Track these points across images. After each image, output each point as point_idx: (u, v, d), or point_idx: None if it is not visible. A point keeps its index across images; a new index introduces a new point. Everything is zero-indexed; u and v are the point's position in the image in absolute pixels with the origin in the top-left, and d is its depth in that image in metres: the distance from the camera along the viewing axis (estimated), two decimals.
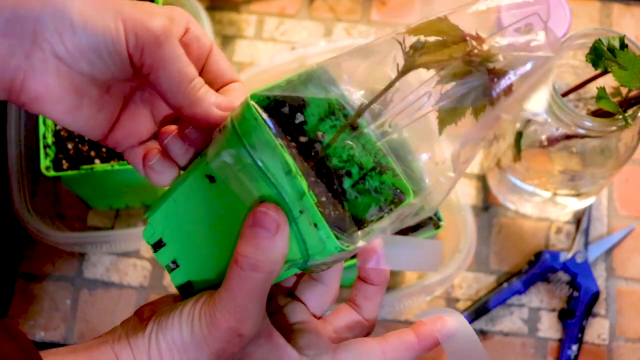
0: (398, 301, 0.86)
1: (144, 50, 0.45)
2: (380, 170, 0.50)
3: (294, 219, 0.44)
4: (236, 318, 0.45)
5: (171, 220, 0.49)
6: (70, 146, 0.85)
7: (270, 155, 0.43)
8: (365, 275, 0.53)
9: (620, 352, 0.90)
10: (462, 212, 0.87)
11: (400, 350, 0.50)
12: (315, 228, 0.44)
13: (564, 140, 0.78)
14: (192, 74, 0.46)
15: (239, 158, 0.44)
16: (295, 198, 0.44)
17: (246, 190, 0.45)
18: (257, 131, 0.43)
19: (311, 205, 0.44)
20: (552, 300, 0.92)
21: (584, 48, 0.71)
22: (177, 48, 0.46)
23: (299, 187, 0.44)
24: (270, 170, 0.44)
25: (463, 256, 0.85)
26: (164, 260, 0.50)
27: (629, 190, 0.97)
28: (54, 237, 0.86)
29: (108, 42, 0.45)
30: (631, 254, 0.94)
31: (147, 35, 0.45)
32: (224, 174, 0.46)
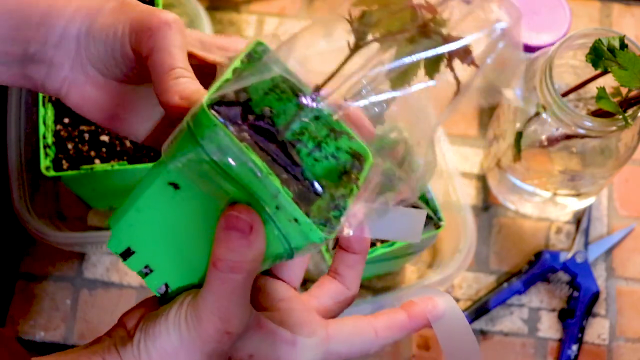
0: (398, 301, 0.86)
1: (140, 42, 0.47)
2: (335, 135, 0.49)
3: (270, 216, 0.44)
4: (222, 318, 0.45)
5: (137, 228, 0.48)
6: (70, 146, 0.85)
7: (236, 159, 0.43)
8: (347, 244, 0.52)
9: (620, 352, 0.90)
10: (462, 212, 0.87)
11: (391, 329, 0.51)
12: (295, 223, 0.44)
13: (564, 140, 0.78)
14: (172, 64, 0.46)
15: (200, 163, 0.43)
16: (269, 196, 0.43)
17: (216, 190, 0.44)
18: (219, 137, 0.42)
19: (288, 202, 0.43)
20: (552, 300, 0.92)
21: (584, 48, 0.71)
22: (168, 39, 0.46)
23: (271, 187, 0.43)
24: (238, 174, 0.43)
25: (463, 256, 0.85)
26: (136, 267, 0.49)
27: (629, 190, 0.97)
28: (54, 237, 0.86)
29: (117, 45, 0.48)
30: (631, 254, 0.94)
31: (143, 28, 0.47)
32: (187, 179, 0.45)
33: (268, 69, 0.46)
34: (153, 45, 0.46)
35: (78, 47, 0.50)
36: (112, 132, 0.54)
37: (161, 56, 0.46)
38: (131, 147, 0.85)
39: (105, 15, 0.49)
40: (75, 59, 0.50)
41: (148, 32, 0.47)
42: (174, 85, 0.45)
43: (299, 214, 0.44)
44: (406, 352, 0.89)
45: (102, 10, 0.49)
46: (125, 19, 0.48)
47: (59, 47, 0.50)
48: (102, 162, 0.83)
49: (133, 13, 0.48)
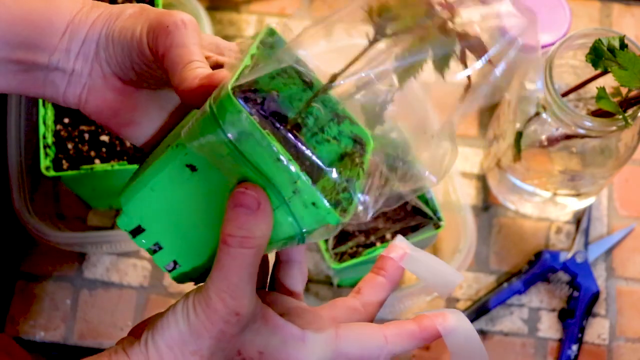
0: (398, 301, 0.86)
1: (158, 41, 0.48)
2: (338, 120, 0.50)
3: (285, 200, 0.45)
4: (231, 296, 0.46)
5: (150, 207, 0.49)
6: (70, 146, 0.85)
7: (258, 145, 0.44)
8: (382, 264, 0.54)
9: (620, 352, 0.90)
10: (462, 212, 0.87)
11: (402, 337, 0.51)
12: (313, 206, 0.45)
13: (564, 140, 0.78)
14: (190, 57, 0.48)
15: (220, 146, 0.44)
16: (288, 181, 0.44)
17: (232, 174, 0.45)
18: (242, 123, 0.44)
19: (308, 187, 0.44)
20: (552, 300, 0.92)
21: (584, 48, 0.71)
22: (184, 36, 0.48)
23: (292, 173, 0.44)
24: (258, 159, 0.44)
25: (463, 256, 0.85)
26: (145, 244, 0.50)
27: (629, 190, 0.97)
28: (54, 237, 0.86)
29: (134, 44, 0.50)
30: (631, 254, 0.94)
31: (160, 28, 0.48)
32: (205, 162, 0.46)
33: (282, 58, 0.47)
34: (170, 43, 0.48)
35: (97, 50, 0.51)
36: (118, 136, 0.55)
37: (179, 52, 0.48)
38: (131, 147, 0.85)
39: (125, 19, 0.51)
40: (94, 64, 0.51)
41: (165, 30, 0.48)
42: (193, 72, 0.47)
43: (318, 198, 0.45)
44: None
45: (122, 15, 0.51)
46: (143, 21, 0.49)
47: (80, 54, 0.51)
48: (102, 162, 0.83)
49: (151, 15, 0.50)
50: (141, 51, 0.49)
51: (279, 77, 0.49)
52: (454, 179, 0.88)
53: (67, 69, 0.52)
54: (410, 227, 0.84)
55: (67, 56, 0.51)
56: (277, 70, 0.48)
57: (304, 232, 0.47)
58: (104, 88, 0.52)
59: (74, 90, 0.52)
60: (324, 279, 0.91)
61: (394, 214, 0.85)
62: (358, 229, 0.84)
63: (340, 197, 0.47)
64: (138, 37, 0.49)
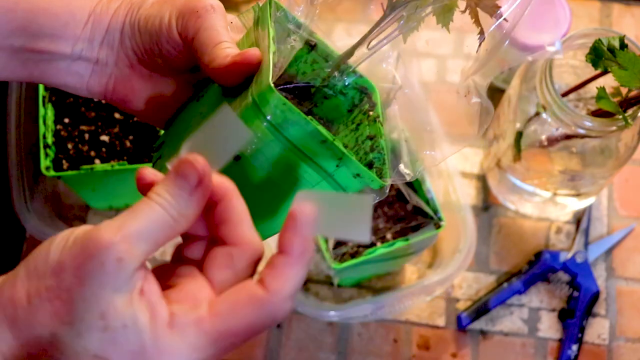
0: (398, 301, 0.86)
1: (187, 24, 0.50)
2: (341, 72, 0.53)
3: (330, 174, 0.48)
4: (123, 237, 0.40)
5: None
6: (70, 146, 0.85)
7: (301, 130, 0.47)
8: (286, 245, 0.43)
9: (620, 352, 0.90)
10: (462, 212, 0.87)
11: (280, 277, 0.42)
12: (358, 177, 0.49)
13: (564, 140, 0.78)
14: (220, 38, 0.50)
15: (265, 134, 0.47)
16: (332, 158, 0.47)
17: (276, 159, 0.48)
18: (286, 113, 0.46)
19: (351, 161, 0.48)
20: (552, 300, 0.92)
21: (584, 48, 0.72)
22: (213, 20, 0.50)
23: (337, 151, 0.47)
24: (301, 143, 0.47)
25: (463, 256, 0.85)
26: None
27: (629, 190, 0.97)
28: None
29: (163, 31, 0.51)
30: (631, 254, 0.94)
31: (190, 12, 0.50)
32: (248, 150, 0.48)
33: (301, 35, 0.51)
34: (200, 25, 0.50)
35: (122, 39, 0.52)
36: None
37: (208, 34, 0.50)
38: (131, 147, 0.85)
39: (148, 7, 0.52)
40: (120, 53, 0.53)
41: (195, 14, 0.50)
42: (224, 51, 0.49)
43: (362, 169, 0.48)
44: (406, 352, 0.89)
45: (144, 3, 0.52)
46: (170, 8, 0.51)
47: (104, 44, 0.53)
48: (102, 162, 0.83)
49: (177, 2, 0.51)
50: (170, 37, 0.51)
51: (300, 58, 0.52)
52: (454, 179, 0.88)
53: (91, 58, 0.53)
54: (410, 227, 0.84)
55: (91, 45, 0.52)
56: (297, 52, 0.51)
57: None
58: (131, 76, 0.53)
59: (100, 80, 0.54)
60: (324, 279, 0.91)
61: (394, 214, 0.85)
62: None
63: (371, 157, 0.51)
64: (167, 24, 0.51)
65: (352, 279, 0.90)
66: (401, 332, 0.90)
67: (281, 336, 0.90)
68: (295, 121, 0.46)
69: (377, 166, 0.50)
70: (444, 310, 0.91)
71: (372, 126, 0.52)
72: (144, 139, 0.85)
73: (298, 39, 0.51)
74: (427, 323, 0.90)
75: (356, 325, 0.90)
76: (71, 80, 0.54)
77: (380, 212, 0.84)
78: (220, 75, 0.49)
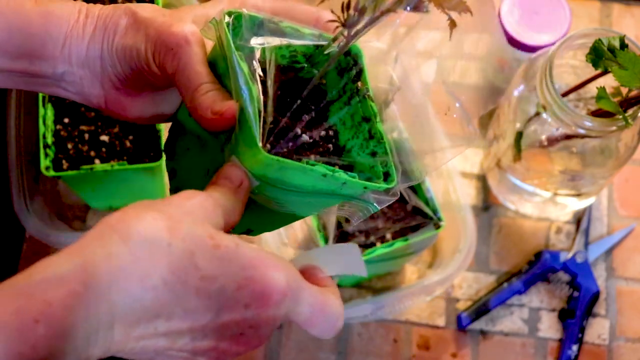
0: (398, 301, 0.86)
1: (164, 62, 0.50)
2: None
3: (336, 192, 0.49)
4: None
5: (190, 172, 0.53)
6: (70, 146, 0.84)
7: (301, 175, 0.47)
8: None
9: (620, 352, 0.90)
10: (462, 212, 0.87)
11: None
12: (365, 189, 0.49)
13: (564, 140, 0.78)
14: (198, 81, 0.49)
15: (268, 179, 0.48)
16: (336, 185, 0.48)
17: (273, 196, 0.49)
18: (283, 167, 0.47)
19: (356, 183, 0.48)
20: (552, 300, 0.92)
21: (584, 48, 0.71)
22: (189, 56, 0.49)
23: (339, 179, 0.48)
24: (303, 183, 0.48)
25: (463, 256, 0.85)
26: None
27: (629, 190, 0.97)
28: (54, 237, 0.86)
29: (142, 65, 0.51)
30: (631, 254, 0.94)
31: (165, 49, 0.50)
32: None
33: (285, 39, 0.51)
34: (177, 65, 0.49)
35: (103, 65, 0.52)
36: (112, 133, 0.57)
37: (187, 75, 0.49)
38: (131, 147, 0.85)
39: (122, 34, 0.51)
40: (103, 77, 0.53)
41: (170, 52, 0.49)
42: (204, 100, 0.48)
43: (369, 184, 0.49)
44: (406, 352, 0.89)
45: (117, 29, 0.51)
46: (144, 39, 0.50)
47: (86, 67, 0.52)
48: (102, 162, 0.83)
49: (150, 30, 0.50)
50: (150, 70, 0.51)
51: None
52: (454, 179, 0.88)
53: (75, 80, 0.53)
54: (410, 227, 0.84)
55: (72, 68, 0.52)
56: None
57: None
58: (119, 96, 0.53)
59: (89, 99, 0.54)
60: None
61: (394, 214, 0.85)
62: (358, 229, 0.84)
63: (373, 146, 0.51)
64: (144, 58, 0.50)
65: (352, 279, 0.90)
66: (401, 332, 0.90)
67: (281, 336, 0.90)
68: (293, 170, 0.47)
69: (381, 156, 0.50)
70: (444, 310, 0.91)
71: (364, 103, 0.51)
72: (144, 139, 0.85)
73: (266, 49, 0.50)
74: (427, 323, 0.90)
75: (356, 325, 0.90)
76: (63, 93, 0.54)
77: (380, 212, 0.84)
78: (204, 124, 0.49)
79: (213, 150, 0.50)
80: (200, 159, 0.52)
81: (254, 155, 0.46)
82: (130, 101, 0.54)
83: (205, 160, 0.51)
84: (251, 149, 0.46)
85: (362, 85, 0.52)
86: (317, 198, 0.50)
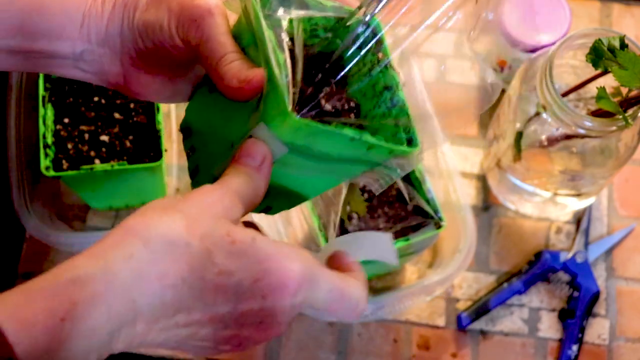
0: (398, 301, 0.86)
1: (188, 35, 0.50)
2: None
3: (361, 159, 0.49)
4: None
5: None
6: (70, 146, 0.85)
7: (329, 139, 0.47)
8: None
9: (620, 352, 0.90)
10: (462, 212, 0.87)
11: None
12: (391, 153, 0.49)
13: (564, 140, 0.78)
14: (223, 51, 0.49)
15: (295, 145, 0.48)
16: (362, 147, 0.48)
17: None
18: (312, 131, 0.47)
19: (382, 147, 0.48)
20: (552, 300, 0.92)
21: (584, 48, 0.72)
22: (213, 28, 0.49)
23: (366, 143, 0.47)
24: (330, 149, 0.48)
25: (463, 256, 0.85)
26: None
27: (629, 190, 0.97)
28: (54, 237, 0.86)
29: (165, 39, 0.51)
30: (631, 254, 0.94)
31: (188, 21, 0.50)
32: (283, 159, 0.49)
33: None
34: (201, 36, 0.49)
35: (123, 42, 0.52)
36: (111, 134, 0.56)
37: (211, 46, 0.49)
38: (131, 147, 0.85)
39: (143, 9, 0.51)
40: (123, 55, 0.52)
41: (194, 24, 0.49)
42: (230, 69, 0.48)
43: (393, 148, 0.49)
44: (406, 352, 0.89)
45: (138, 4, 0.51)
46: (166, 13, 0.50)
47: (105, 45, 0.52)
48: (102, 162, 0.83)
49: (172, 4, 0.50)
50: (174, 44, 0.51)
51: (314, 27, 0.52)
52: (454, 179, 0.88)
53: (94, 59, 0.53)
54: (411, 227, 0.84)
55: (91, 46, 0.52)
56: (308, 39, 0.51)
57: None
58: (138, 74, 0.53)
59: (110, 79, 0.54)
60: None
61: (394, 214, 0.85)
62: (359, 229, 0.84)
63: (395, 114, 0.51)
64: (168, 32, 0.50)
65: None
66: (401, 332, 0.90)
67: (281, 336, 0.90)
68: (318, 133, 0.47)
69: (403, 123, 0.51)
70: (444, 310, 0.91)
71: (385, 73, 0.52)
72: (144, 139, 0.85)
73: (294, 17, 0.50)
74: (427, 323, 0.90)
75: (356, 325, 0.90)
76: (80, 75, 0.54)
77: (381, 212, 0.84)
78: (229, 94, 0.49)
79: (238, 122, 0.50)
80: (223, 133, 0.52)
81: (284, 121, 0.46)
82: (150, 80, 0.54)
83: (231, 133, 0.51)
84: (280, 114, 0.46)
85: (383, 56, 0.52)
86: (342, 165, 0.50)
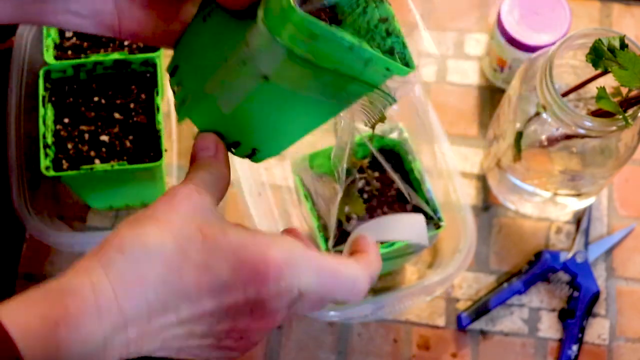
0: (398, 301, 0.86)
1: None
2: None
3: (357, 76, 0.48)
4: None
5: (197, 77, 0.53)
6: (70, 146, 0.85)
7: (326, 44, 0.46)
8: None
9: (620, 352, 0.90)
10: (462, 212, 0.87)
11: None
12: (388, 71, 0.48)
13: (564, 140, 0.78)
14: None
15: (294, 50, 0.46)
16: (360, 61, 0.47)
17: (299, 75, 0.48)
18: (312, 28, 0.45)
19: (380, 59, 0.47)
20: (552, 300, 0.92)
21: (584, 48, 0.71)
22: None
23: (365, 53, 0.47)
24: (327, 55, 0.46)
25: (463, 256, 0.85)
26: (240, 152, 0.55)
27: (629, 190, 0.97)
28: (54, 237, 0.86)
29: None
30: (631, 254, 0.94)
31: None
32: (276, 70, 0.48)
33: None
34: None
35: None
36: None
37: None
38: (131, 147, 0.85)
39: None
40: None
41: None
42: None
43: (391, 64, 0.48)
44: (406, 352, 0.89)
45: None
46: None
47: None
48: (102, 162, 0.83)
49: None
50: None
51: None
52: (454, 179, 0.88)
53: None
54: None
55: None
56: None
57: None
58: (133, 10, 0.53)
59: (104, 20, 0.53)
60: None
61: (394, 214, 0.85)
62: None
63: (390, 43, 0.51)
64: None
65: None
66: (401, 332, 0.90)
67: (281, 336, 0.90)
68: (319, 35, 0.45)
69: (399, 51, 0.50)
70: (444, 310, 0.91)
71: (381, 7, 0.52)
72: (144, 139, 0.85)
73: None
74: (427, 323, 0.91)
75: (356, 325, 0.90)
76: (74, 21, 0.53)
77: (380, 213, 0.84)
78: (228, 2, 0.48)
79: (233, 39, 0.49)
80: (215, 55, 0.51)
81: (287, 17, 0.45)
82: (143, 16, 0.53)
83: (225, 50, 0.50)
84: (284, 10, 0.45)
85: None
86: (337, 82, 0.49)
